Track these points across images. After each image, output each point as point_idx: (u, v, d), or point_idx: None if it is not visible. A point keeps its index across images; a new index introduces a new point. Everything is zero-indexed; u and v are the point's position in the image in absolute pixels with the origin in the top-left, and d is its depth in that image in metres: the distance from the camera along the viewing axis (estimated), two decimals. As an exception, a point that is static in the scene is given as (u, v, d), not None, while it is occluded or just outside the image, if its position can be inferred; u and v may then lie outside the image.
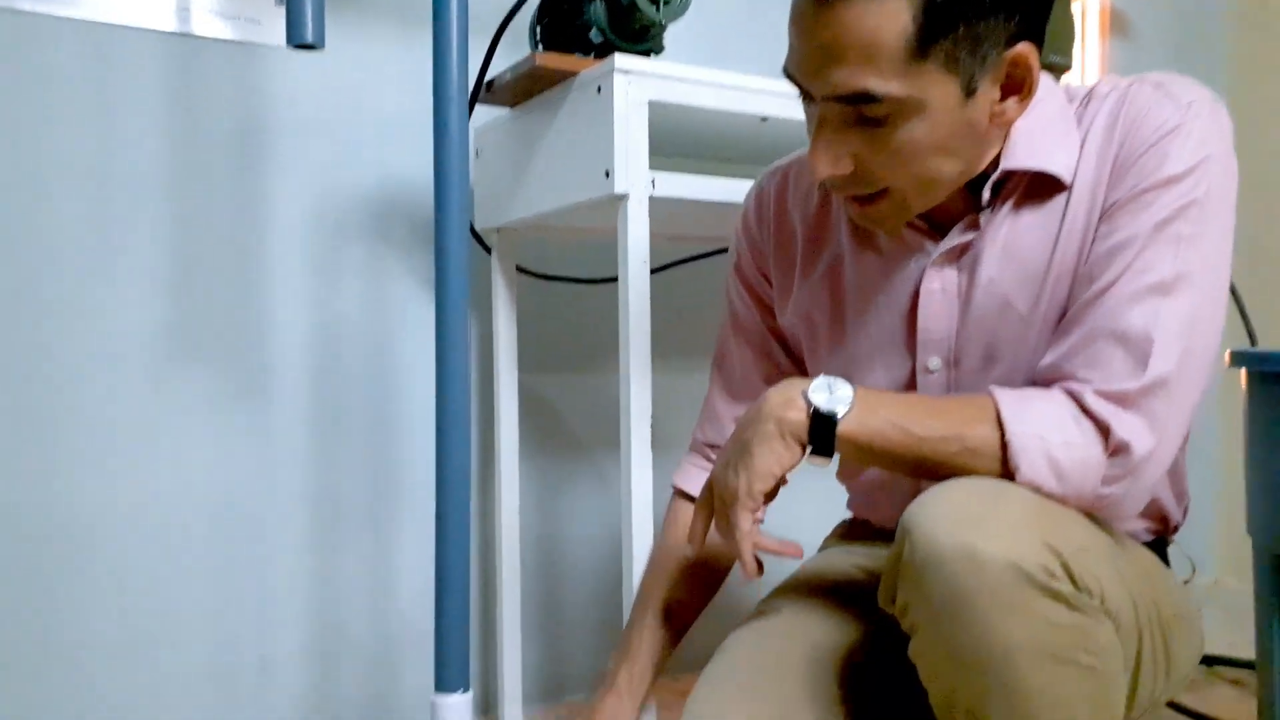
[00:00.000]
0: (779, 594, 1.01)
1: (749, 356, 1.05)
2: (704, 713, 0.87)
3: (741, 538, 0.80)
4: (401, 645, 1.50)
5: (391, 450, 1.49)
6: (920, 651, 0.75)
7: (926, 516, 0.72)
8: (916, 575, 0.71)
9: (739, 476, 0.80)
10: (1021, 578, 0.68)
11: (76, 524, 1.28)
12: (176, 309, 1.34)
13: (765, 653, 0.92)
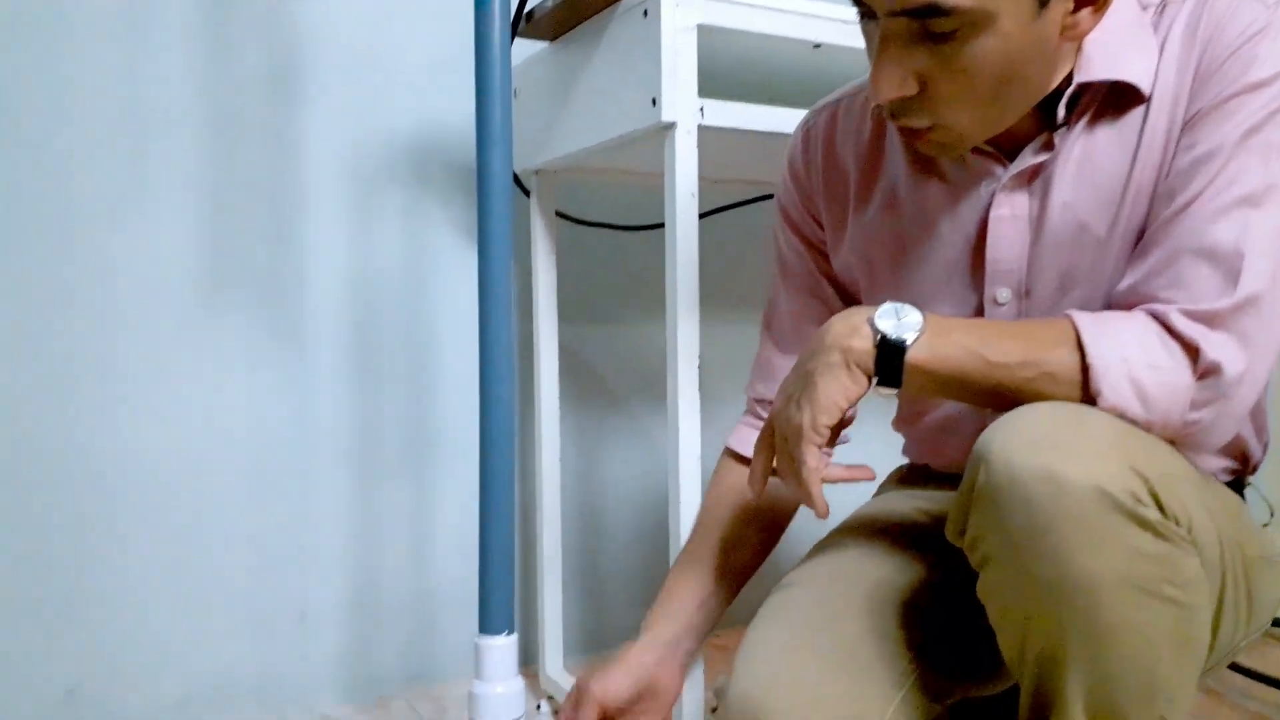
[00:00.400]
0: (838, 534, 0.98)
1: (801, 306, 1.00)
2: (761, 651, 0.84)
3: (808, 474, 0.76)
4: (441, 597, 1.48)
5: (430, 400, 1.46)
6: (991, 588, 0.71)
7: (1004, 441, 0.68)
8: (991, 502, 0.67)
9: (802, 410, 0.77)
10: (1107, 503, 0.64)
11: (112, 471, 1.27)
12: (210, 252, 1.32)
13: (826, 590, 0.89)
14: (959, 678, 0.86)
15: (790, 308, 1.01)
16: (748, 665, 0.83)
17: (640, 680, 0.94)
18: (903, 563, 0.90)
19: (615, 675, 0.93)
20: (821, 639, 0.83)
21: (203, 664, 1.33)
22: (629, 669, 0.93)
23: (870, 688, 0.81)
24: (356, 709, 1.40)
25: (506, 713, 0.97)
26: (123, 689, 1.28)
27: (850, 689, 0.80)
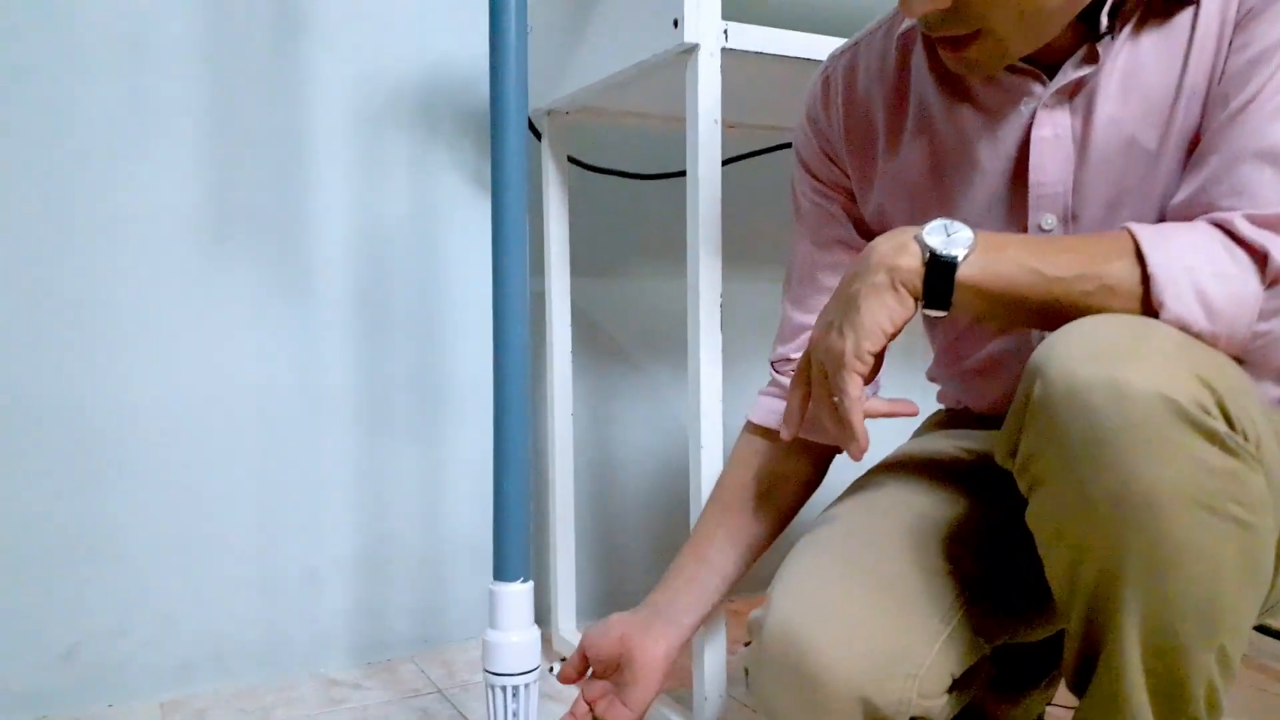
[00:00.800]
0: (876, 472, 0.93)
1: (826, 258, 0.96)
2: (801, 580, 0.80)
3: (849, 404, 0.72)
4: (451, 558, 1.44)
5: (440, 354, 1.42)
6: (1043, 511, 0.67)
7: (1062, 350, 0.63)
8: (1049, 413, 0.63)
9: (844, 336, 0.72)
10: (1173, 412, 0.59)
11: (114, 426, 1.23)
12: (213, 199, 1.27)
13: (867, 523, 0.84)
14: (1006, 617, 0.82)
15: (814, 262, 0.96)
16: (787, 594, 0.79)
17: (615, 643, 0.93)
18: (946, 498, 0.86)
19: (599, 629, 0.95)
20: (865, 570, 0.79)
21: (206, 624, 1.29)
22: (610, 627, 0.94)
23: (917, 620, 0.77)
24: (364, 672, 1.36)
25: (522, 662, 0.93)
26: (124, 649, 1.24)
27: (896, 620, 0.76)
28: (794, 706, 0.75)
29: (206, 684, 1.29)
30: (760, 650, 0.77)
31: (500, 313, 0.95)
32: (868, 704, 0.73)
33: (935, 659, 0.75)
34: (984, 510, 0.84)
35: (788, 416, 0.82)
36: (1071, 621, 0.70)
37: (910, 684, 0.74)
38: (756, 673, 0.78)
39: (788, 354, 0.98)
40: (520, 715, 0.94)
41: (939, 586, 0.78)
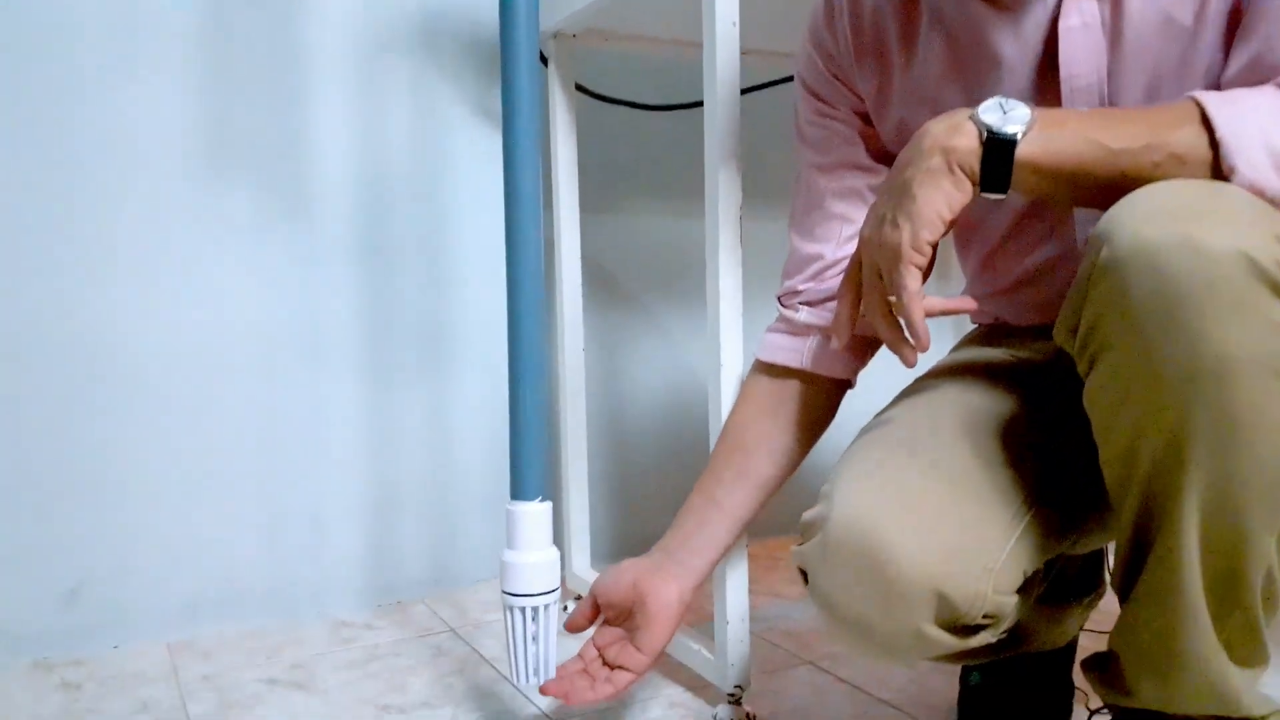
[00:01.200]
0: (924, 379, 0.90)
1: (834, 183, 0.92)
2: (866, 473, 0.77)
3: (908, 299, 0.69)
4: (461, 499, 1.41)
5: (445, 287, 1.38)
6: (1105, 383, 0.63)
7: (1130, 213, 0.60)
8: (1117, 276, 0.59)
9: (899, 228, 0.69)
10: (1252, 270, 0.56)
11: (117, 358, 1.19)
12: (210, 123, 1.23)
13: (926, 420, 0.81)
14: (1070, 518, 0.78)
15: (821, 188, 0.93)
16: (852, 487, 0.75)
17: (627, 588, 0.91)
18: (1001, 397, 0.82)
19: (606, 573, 0.93)
20: (932, 463, 0.76)
21: (212, 565, 1.26)
22: (621, 572, 0.92)
23: (990, 513, 0.74)
24: (374, 614, 1.33)
25: (541, 582, 0.90)
26: (129, 589, 1.21)
27: (971, 513, 0.73)
28: (864, 600, 0.72)
29: (212, 625, 1.26)
30: (825, 545, 0.74)
31: (514, 225, 0.91)
32: (942, 597, 0.70)
33: (1010, 554, 0.73)
34: (1039, 411, 0.81)
35: (837, 325, 0.79)
36: (1124, 512, 0.67)
37: (986, 578, 0.71)
38: (819, 568, 0.75)
39: (795, 286, 0.94)
40: (540, 638, 0.91)
41: (1009, 482, 0.76)
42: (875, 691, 1.07)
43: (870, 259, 0.73)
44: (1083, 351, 0.64)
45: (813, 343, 0.93)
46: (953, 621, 0.72)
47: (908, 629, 0.71)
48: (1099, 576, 0.97)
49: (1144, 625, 0.69)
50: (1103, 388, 0.64)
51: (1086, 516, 0.80)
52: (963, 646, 0.74)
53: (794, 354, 0.94)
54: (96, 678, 1.11)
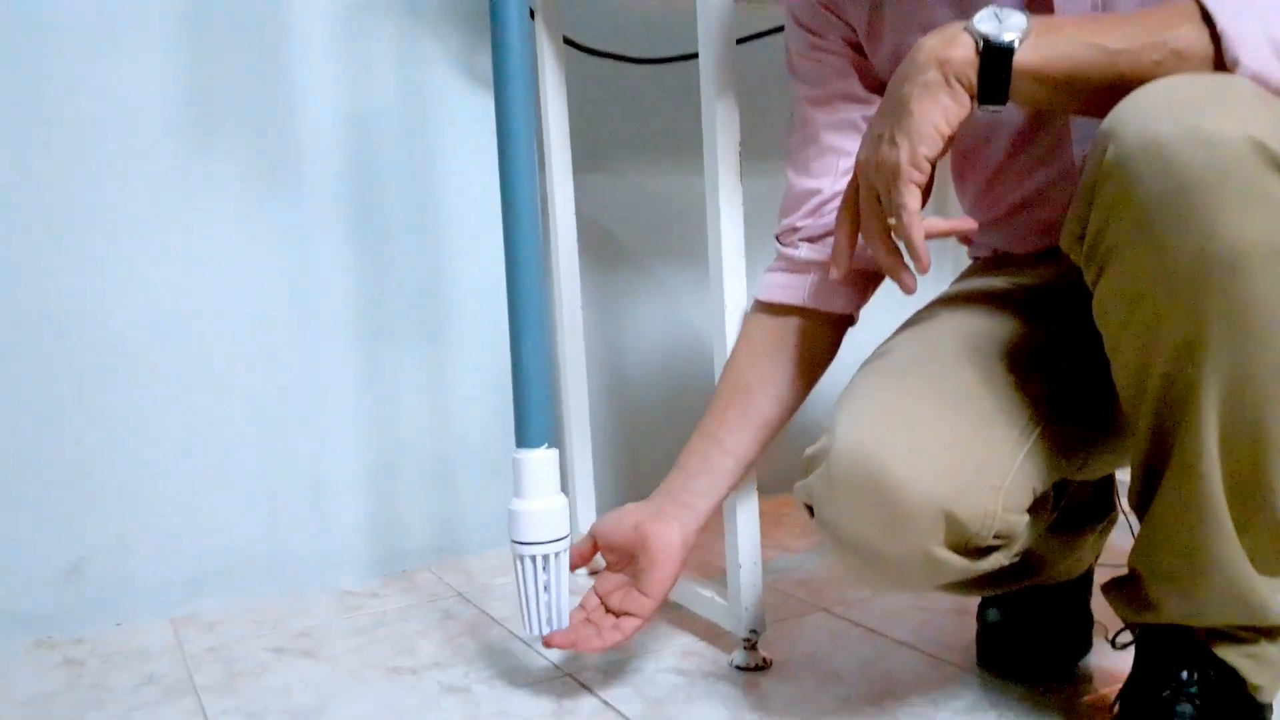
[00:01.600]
0: (926, 310, 0.89)
1: (829, 116, 0.90)
2: (870, 399, 0.75)
3: (910, 219, 0.67)
4: (464, 466, 1.39)
5: (438, 251, 1.36)
6: (1116, 288, 0.62)
7: (1135, 110, 0.58)
8: (1125, 172, 0.58)
9: (897, 145, 0.67)
10: (1264, 157, 0.55)
11: (109, 331, 1.17)
12: (191, 91, 1.20)
13: (929, 347, 0.80)
14: (1080, 437, 0.77)
15: (816, 121, 0.91)
16: (854, 415, 0.74)
17: (629, 530, 0.90)
18: (1005, 321, 0.81)
19: (612, 516, 0.92)
20: (936, 386, 0.75)
21: (213, 540, 1.24)
22: (622, 515, 0.91)
23: (997, 432, 0.72)
24: (379, 583, 1.31)
25: (550, 530, 0.88)
26: (129, 566, 1.19)
27: (976, 432, 0.72)
28: (870, 526, 0.70)
29: (216, 599, 1.24)
30: (829, 474, 0.72)
31: (509, 174, 0.89)
32: (950, 517, 0.69)
33: (1018, 472, 0.71)
34: (1044, 333, 0.80)
35: (835, 254, 0.77)
36: (1140, 426, 0.66)
37: (995, 496, 0.70)
38: (824, 498, 0.73)
39: (794, 223, 0.93)
40: (551, 587, 0.89)
41: (1014, 402, 0.74)
42: (891, 633, 1.05)
43: (867, 182, 0.72)
44: (1091, 258, 0.63)
45: (813, 279, 0.92)
46: (963, 543, 0.71)
47: (917, 552, 0.70)
48: (1110, 503, 0.96)
49: (1165, 539, 0.68)
50: (1113, 294, 0.62)
51: (1095, 436, 0.79)
52: (975, 569, 0.73)
53: (794, 291, 0.93)
54: (100, 654, 1.10)
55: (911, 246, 0.68)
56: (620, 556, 0.92)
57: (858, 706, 0.88)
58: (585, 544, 0.94)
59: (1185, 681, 0.69)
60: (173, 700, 0.96)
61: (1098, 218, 0.61)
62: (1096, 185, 0.60)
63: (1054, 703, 0.87)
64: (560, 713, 0.89)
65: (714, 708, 0.89)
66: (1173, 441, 0.64)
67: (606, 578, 0.93)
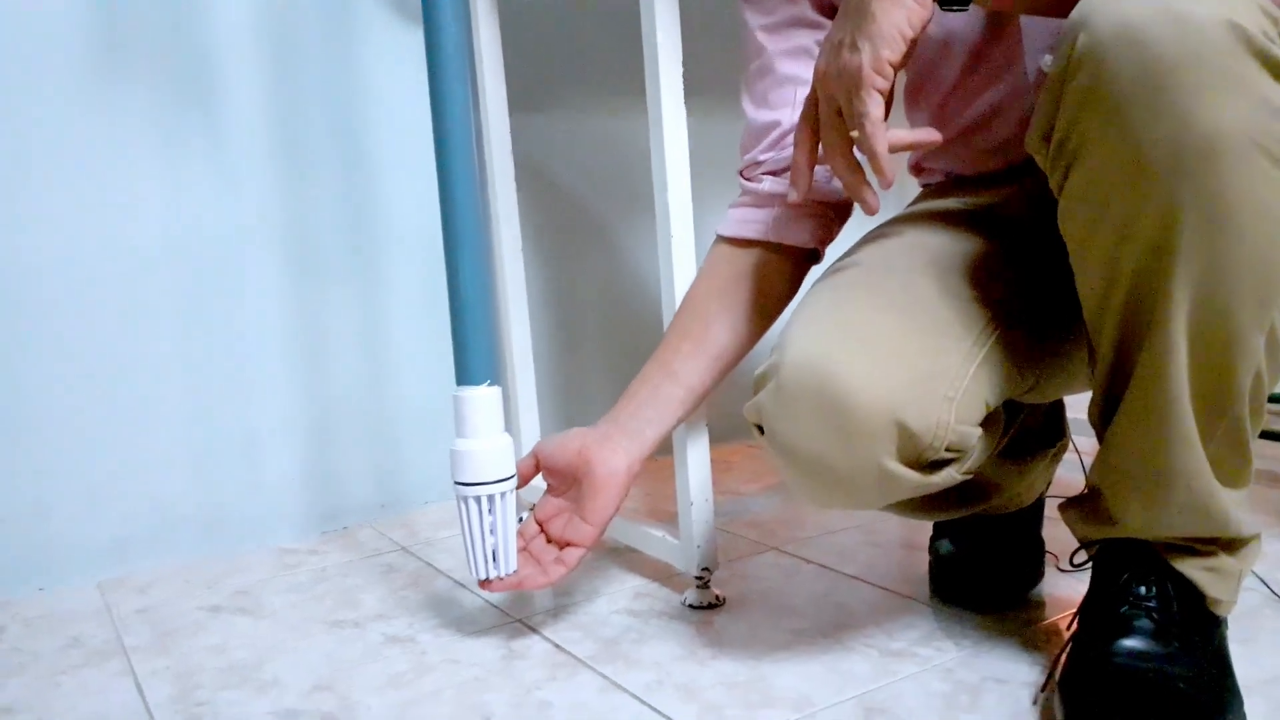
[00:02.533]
0: (882, 227, 0.86)
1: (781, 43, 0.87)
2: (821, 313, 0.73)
3: (873, 128, 0.64)
4: (403, 413, 1.35)
5: (369, 187, 1.31)
6: (1085, 184, 0.60)
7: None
8: (1097, 59, 0.56)
9: (859, 49, 0.64)
10: (1240, 40, 0.53)
11: (20, 277, 1.10)
12: (103, 22, 1.13)
13: (884, 260, 0.78)
14: (1037, 348, 0.76)
15: (769, 50, 0.88)
16: (806, 327, 0.71)
17: (573, 454, 0.87)
18: (963, 236, 0.80)
19: (556, 440, 0.89)
20: (889, 297, 0.73)
21: (139, 498, 1.18)
22: (567, 439, 0.89)
23: (950, 341, 0.70)
24: (318, 540, 1.27)
25: (495, 470, 0.85)
26: (51, 527, 1.13)
27: (929, 341, 0.70)
28: (821, 439, 0.68)
29: (145, 560, 1.18)
30: (779, 388, 0.70)
31: (441, 113, 0.84)
32: (902, 428, 0.67)
33: (971, 381, 0.70)
34: (998, 248, 0.78)
35: (795, 174, 0.74)
36: (1105, 333, 0.65)
37: (947, 406, 0.68)
38: (774, 413, 0.71)
39: (756, 157, 0.90)
40: (498, 529, 0.86)
41: (969, 311, 0.73)
42: (843, 569, 1.04)
43: (827, 92, 0.69)
44: (1059, 156, 0.61)
45: (777, 212, 0.90)
46: (915, 456, 0.69)
47: (869, 465, 0.68)
48: (1061, 430, 0.96)
49: (1128, 449, 0.67)
50: (1081, 194, 0.60)
51: (1049, 351, 0.78)
52: (927, 484, 0.71)
53: (758, 226, 0.90)
54: (21, 619, 1.04)
55: (874, 158, 0.65)
56: (562, 480, 0.89)
57: (812, 639, 0.87)
58: (528, 462, 0.91)
59: (1143, 596, 0.68)
60: (100, 662, 0.92)
61: (1067, 111, 0.59)
62: (1066, 77, 0.58)
63: (1008, 629, 0.86)
64: (510, 657, 0.87)
65: (668, 646, 0.87)
66: (1139, 347, 0.62)
67: (547, 502, 0.90)
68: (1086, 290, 0.65)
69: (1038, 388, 0.79)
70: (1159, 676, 0.65)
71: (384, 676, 0.84)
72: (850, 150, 0.70)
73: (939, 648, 0.83)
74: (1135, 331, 0.62)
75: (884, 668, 0.80)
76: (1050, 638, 0.84)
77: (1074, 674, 0.68)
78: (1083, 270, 0.64)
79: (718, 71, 1.50)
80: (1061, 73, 0.59)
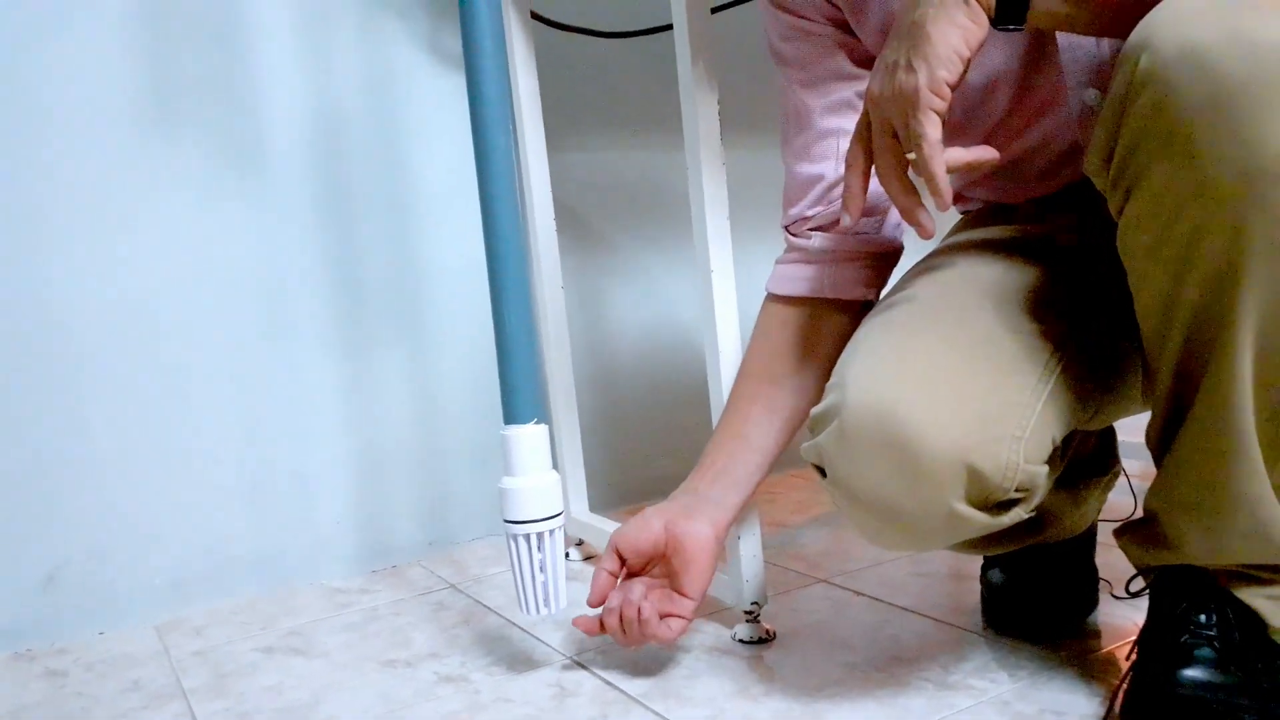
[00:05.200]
0: (929, 259, 0.86)
1: (822, 99, 0.88)
2: (880, 350, 0.72)
3: (931, 150, 0.64)
4: (451, 452, 1.36)
5: (413, 233, 1.33)
6: (1146, 210, 0.59)
7: (1173, 14, 0.56)
8: (1161, 82, 0.55)
9: (914, 70, 0.64)
10: None
11: (74, 328, 1.13)
12: (149, 73, 1.17)
13: (938, 293, 0.77)
14: (1098, 380, 0.75)
15: (809, 106, 0.88)
16: (867, 366, 0.71)
17: (658, 534, 0.86)
18: (1013, 265, 0.79)
19: (630, 524, 0.88)
20: (950, 332, 0.72)
21: (193, 540, 1.20)
22: (643, 518, 0.87)
23: (1016, 378, 0.70)
24: (368, 579, 1.28)
25: (543, 507, 0.86)
26: (109, 571, 1.16)
27: (995, 379, 0.69)
28: (888, 483, 0.68)
29: (200, 603, 1.20)
30: (842, 431, 0.69)
31: (484, 146, 0.86)
32: (972, 470, 0.66)
33: (1038, 419, 0.69)
34: (1052, 276, 0.78)
35: (849, 199, 0.73)
36: (1165, 358, 0.64)
37: (1016, 446, 0.68)
38: (838, 455, 0.70)
39: (804, 213, 0.90)
40: (547, 566, 0.86)
41: (1032, 344, 0.72)
42: (894, 600, 1.03)
43: (881, 115, 0.68)
44: (1120, 178, 0.60)
45: (830, 268, 0.90)
46: (984, 497, 0.69)
47: (938, 509, 0.68)
48: (1113, 456, 0.95)
49: (1189, 475, 0.66)
50: (1143, 218, 0.60)
51: (1108, 381, 0.77)
52: (995, 525, 0.71)
53: (810, 283, 0.90)
54: (82, 663, 1.06)
55: (932, 180, 0.64)
56: (648, 560, 0.88)
57: (866, 672, 0.86)
58: (610, 560, 0.88)
59: (1203, 624, 0.67)
60: (160, 705, 0.93)
61: (1129, 133, 0.58)
62: (1128, 98, 0.58)
63: (1064, 659, 0.85)
64: (563, 695, 0.87)
65: (720, 682, 0.87)
66: (1201, 373, 0.62)
67: (633, 586, 0.87)
68: (1147, 315, 0.64)
69: (1097, 416, 0.78)
70: (1223, 707, 0.63)
71: (438, 716, 0.85)
72: (905, 173, 0.69)
73: (994, 679, 0.82)
74: (1198, 356, 0.61)
75: (940, 701, 0.79)
76: (1107, 668, 0.82)
77: (1135, 705, 0.67)
78: (1143, 295, 0.63)
79: (752, 103, 1.52)
80: (1123, 95, 0.58)
